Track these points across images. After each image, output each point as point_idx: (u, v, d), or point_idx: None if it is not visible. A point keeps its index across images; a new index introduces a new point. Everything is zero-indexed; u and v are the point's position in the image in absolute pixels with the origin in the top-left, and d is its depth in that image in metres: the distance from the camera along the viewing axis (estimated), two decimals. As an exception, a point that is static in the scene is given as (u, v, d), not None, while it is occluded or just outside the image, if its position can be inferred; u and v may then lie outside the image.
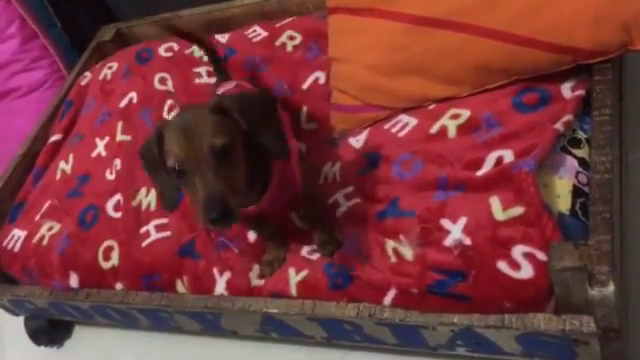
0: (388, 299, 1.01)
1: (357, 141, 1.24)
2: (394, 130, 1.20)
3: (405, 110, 1.21)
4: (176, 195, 0.97)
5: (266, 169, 1.02)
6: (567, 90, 1.07)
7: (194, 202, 0.89)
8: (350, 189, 1.16)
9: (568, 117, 1.01)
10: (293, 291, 1.11)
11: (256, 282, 1.16)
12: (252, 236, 1.21)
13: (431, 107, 1.19)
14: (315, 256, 1.13)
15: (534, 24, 1.04)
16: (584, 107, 1.05)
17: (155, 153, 0.93)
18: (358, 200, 1.14)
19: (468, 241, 0.95)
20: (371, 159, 1.18)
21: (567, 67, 1.06)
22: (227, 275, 1.18)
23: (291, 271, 1.12)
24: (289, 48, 1.48)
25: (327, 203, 1.17)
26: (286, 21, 1.58)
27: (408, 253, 1.01)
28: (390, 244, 1.03)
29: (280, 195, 1.06)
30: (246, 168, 0.93)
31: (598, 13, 0.99)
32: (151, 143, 0.94)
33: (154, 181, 0.99)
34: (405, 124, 1.19)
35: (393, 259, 1.02)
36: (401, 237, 1.02)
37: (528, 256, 0.90)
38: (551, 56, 1.04)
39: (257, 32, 1.59)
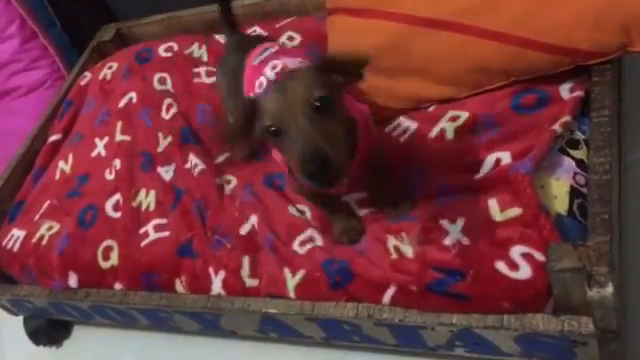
0: (387, 297, 1.01)
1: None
2: (395, 134, 1.20)
3: (405, 112, 1.21)
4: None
5: (353, 133, 0.99)
6: (566, 91, 1.07)
7: (292, 163, 0.87)
8: (361, 196, 1.16)
9: (566, 118, 1.02)
10: (291, 294, 1.10)
11: (250, 282, 1.15)
12: (244, 229, 1.20)
13: (430, 109, 1.19)
14: (308, 248, 1.11)
15: (533, 25, 1.04)
16: (582, 108, 1.05)
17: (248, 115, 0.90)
18: (367, 211, 1.13)
19: (466, 241, 0.96)
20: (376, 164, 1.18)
21: (566, 68, 1.06)
22: (222, 274, 1.18)
23: (286, 272, 1.11)
24: (288, 49, 1.48)
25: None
26: (286, 21, 1.58)
27: (409, 251, 1.01)
28: (392, 241, 1.03)
29: (367, 158, 1.03)
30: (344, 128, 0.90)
31: (597, 14, 0.99)
32: (246, 106, 0.91)
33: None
34: (406, 128, 1.20)
35: (394, 256, 1.02)
36: (403, 235, 1.03)
37: (526, 256, 0.91)
38: (550, 57, 1.04)
39: (257, 32, 1.59)
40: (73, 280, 1.35)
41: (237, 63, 1.31)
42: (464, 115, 1.14)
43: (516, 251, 0.92)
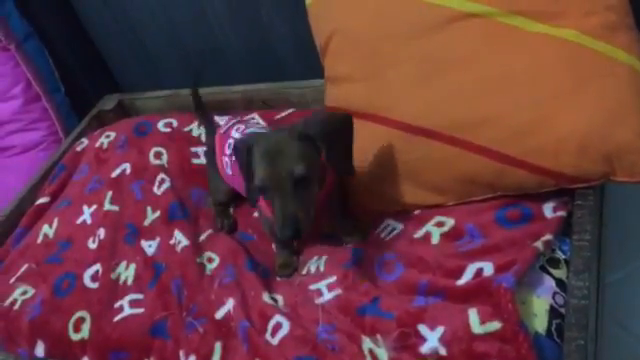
0: (359, 402, 0.99)
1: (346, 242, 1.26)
2: (382, 235, 1.22)
3: (392, 214, 1.23)
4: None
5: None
6: (549, 210, 1.10)
7: (273, 215, 1.06)
8: (333, 280, 1.17)
9: (548, 237, 1.03)
10: None
11: None
12: (219, 313, 1.19)
13: (417, 212, 1.22)
14: (279, 338, 1.10)
15: (522, 146, 1.07)
16: (564, 228, 1.07)
17: (244, 159, 1.10)
18: (340, 292, 1.14)
19: (444, 351, 0.95)
20: (356, 255, 1.20)
21: (550, 189, 1.09)
22: (192, 359, 1.15)
23: None
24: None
25: None
26: (285, 114, 1.63)
27: (383, 356, 1.00)
28: (367, 343, 1.02)
29: (331, 190, 1.20)
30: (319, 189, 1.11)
31: (582, 142, 1.03)
32: (242, 151, 1.10)
33: (243, 175, 1.15)
34: (392, 230, 1.22)
35: (368, 359, 1.01)
36: (378, 337, 1.02)
37: (502, 374, 0.90)
38: (535, 177, 1.08)
39: (256, 120, 1.63)
40: (40, 349, 1.31)
41: (211, 143, 1.47)
42: (450, 222, 1.16)
43: (492, 367, 0.91)
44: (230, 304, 1.20)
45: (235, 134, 1.34)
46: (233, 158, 1.27)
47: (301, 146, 1.06)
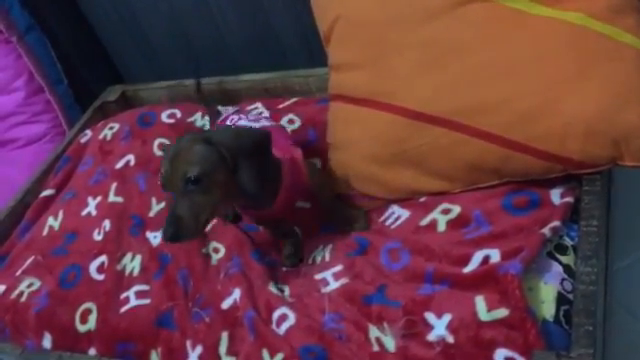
0: (367, 391, 0.99)
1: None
2: (387, 223, 1.21)
3: (397, 201, 1.23)
4: None
5: (277, 174, 1.16)
6: (556, 196, 1.09)
7: None
8: (339, 269, 1.17)
9: (556, 223, 1.03)
10: None
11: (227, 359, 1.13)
12: (226, 303, 1.19)
13: (422, 200, 1.21)
14: (286, 328, 1.10)
15: (528, 131, 1.06)
16: (572, 214, 1.06)
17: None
18: (346, 280, 1.14)
19: (451, 339, 0.95)
20: (361, 244, 1.19)
21: (557, 175, 1.08)
22: (199, 349, 1.15)
23: (265, 353, 1.09)
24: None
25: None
26: (289, 103, 1.62)
27: (390, 344, 1.00)
28: (374, 332, 1.02)
29: (292, 196, 1.19)
30: (225, 194, 1.08)
31: (589, 127, 1.02)
32: (163, 154, 1.13)
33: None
34: (398, 217, 1.21)
35: (375, 347, 1.01)
36: (385, 325, 1.02)
37: (510, 361, 0.90)
38: (542, 163, 1.07)
39: (259, 110, 1.62)
40: (47, 341, 1.31)
41: None
42: (456, 209, 1.15)
43: (500, 354, 0.91)
44: (236, 294, 1.20)
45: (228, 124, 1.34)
46: None
47: (202, 150, 1.05)
